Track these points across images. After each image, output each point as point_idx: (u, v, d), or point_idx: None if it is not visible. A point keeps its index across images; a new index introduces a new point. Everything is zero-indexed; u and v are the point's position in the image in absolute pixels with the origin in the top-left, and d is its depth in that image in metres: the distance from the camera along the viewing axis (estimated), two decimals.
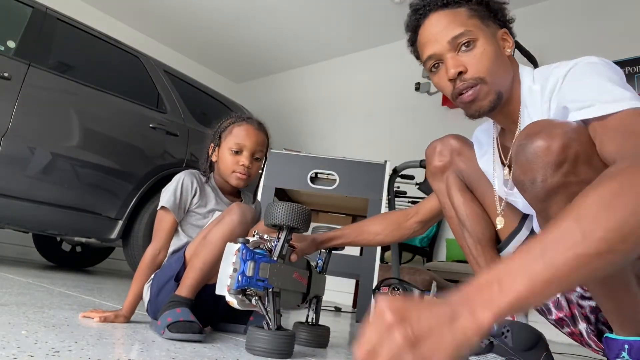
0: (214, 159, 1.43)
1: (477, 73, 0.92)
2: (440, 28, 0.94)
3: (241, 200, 1.47)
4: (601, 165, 0.73)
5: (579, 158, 0.71)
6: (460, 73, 0.92)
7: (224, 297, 0.99)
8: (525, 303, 0.46)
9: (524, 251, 0.49)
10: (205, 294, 1.20)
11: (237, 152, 1.37)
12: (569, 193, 0.72)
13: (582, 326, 0.98)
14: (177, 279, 1.21)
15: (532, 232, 1.08)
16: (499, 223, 1.06)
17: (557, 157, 0.71)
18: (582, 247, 0.46)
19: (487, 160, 1.10)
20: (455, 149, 1.15)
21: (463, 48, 0.93)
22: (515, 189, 1.04)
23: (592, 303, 0.95)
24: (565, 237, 0.48)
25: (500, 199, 1.09)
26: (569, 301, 1.01)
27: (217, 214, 1.35)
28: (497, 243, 1.16)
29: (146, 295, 1.27)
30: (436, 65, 0.97)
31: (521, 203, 1.06)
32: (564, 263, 0.46)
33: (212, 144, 1.43)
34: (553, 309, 1.04)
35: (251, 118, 1.44)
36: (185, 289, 1.15)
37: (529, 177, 0.74)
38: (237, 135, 1.37)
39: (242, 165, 1.36)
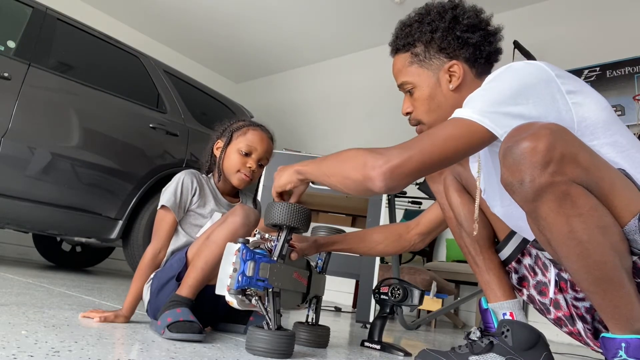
0: (216, 153, 1.44)
1: (416, 116, 1.11)
2: (394, 73, 1.14)
3: (239, 202, 1.47)
4: (587, 164, 0.75)
5: (564, 158, 0.73)
6: (409, 112, 1.12)
7: (224, 296, 0.99)
8: (308, 173, 1.02)
9: (318, 160, 1.01)
10: (206, 294, 1.20)
11: (247, 155, 1.39)
12: (558, 192, 0.73)
13: (580, 326, 0.99)
14: (179, 279, 1.21)
15: None
16: (475, 229, 1.08)
17: (543, 157, 0.72)
18: (322, 167, 0.99)
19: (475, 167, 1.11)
20: None
21: (408, 93, 1.11)
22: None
23: (587, 304, 0.96)
24: (324, 160, 0.99)
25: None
26: (567, 301, 1.01)
27: (217, 215, 1.35)
28: (496, 243, 1.16)
29: (146, 295, 1.27)
30: None
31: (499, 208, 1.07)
32: (318, 167, 1.00)
33: (220, 140, 1.45)
34: (552, 309, 1.05)
35: (264, 126, 1.47)
36: (186, 288, 1.15)
37: (517, 178, 0.75)
38: (250, 139, 1.40)
39: (249, 167, 1.39)
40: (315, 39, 5.12)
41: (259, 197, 2.52)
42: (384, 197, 2.45)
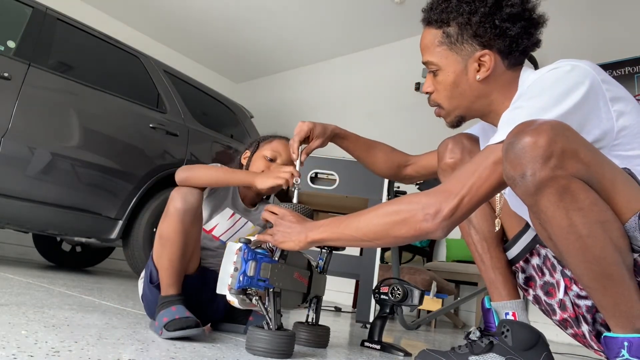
0: (243, 162, 1.47)
1: (436, 98, 1.08)
2: (421, 46, 1.07)
3: (256, 209, 1.47)
4: (589, 160, 0.75)
5: (565, 153, 0.73)
6: (429, 92, 1.08)
7: (223, 296, 0.99)
8: (323, 240, 0.99)
9: (333, 221, 0.98)
10: (205, 293, 1.20)
11: (271, 160, 1.42)
12: (558, 187, 0.73)
13: (585, 328, 0.98)
14: (153, 281, 1.21)
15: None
16: (497, 224, 1.08)
17: (544, 151, 0.73)
18: (352, 234, 0.94)
19: None
20: (467, 147, 1.16)
21: (432, 72, 1.06)
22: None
23: (588, 302, 0.95)
24: (349, 225, 0.95)
25: (498, 199, 1.10)
26: (573, 302, 1.01)
27: (228, 210, 1.36)
28: (505, 242, 1.16)
29: (141, 290, 1.28)
30: None
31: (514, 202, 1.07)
32: (342, 235, 0.96)
33: (248, 150, 1.49)
34: (557, 310, 1.04)
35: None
36: (167, 288, 1.16)
37: (519, 172, 0.76)
38: (275, 146, 1.45)
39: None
40: (315, 39, 5.12)
41: None
42: (384, 197, 2.45)
